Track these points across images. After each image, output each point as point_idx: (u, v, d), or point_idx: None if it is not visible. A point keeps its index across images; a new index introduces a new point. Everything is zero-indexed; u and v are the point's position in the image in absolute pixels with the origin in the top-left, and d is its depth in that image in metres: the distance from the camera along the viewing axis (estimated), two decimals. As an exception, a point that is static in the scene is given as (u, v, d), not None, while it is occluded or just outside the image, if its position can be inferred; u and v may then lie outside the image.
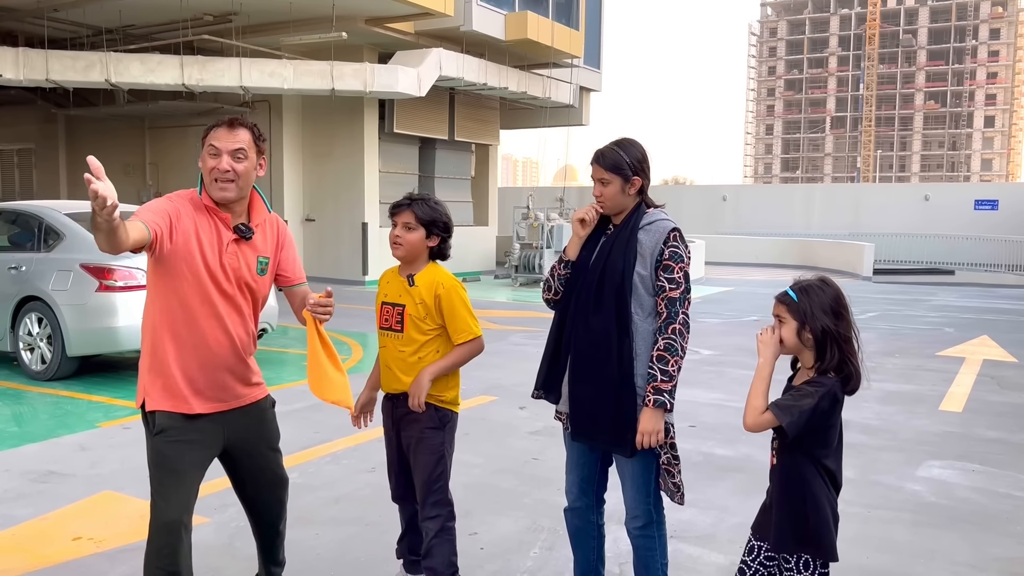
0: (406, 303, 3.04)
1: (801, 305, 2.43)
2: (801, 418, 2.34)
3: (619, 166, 2.84)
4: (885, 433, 5.96)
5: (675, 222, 2.88)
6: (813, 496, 2.41)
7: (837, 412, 2.39)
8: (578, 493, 3.03)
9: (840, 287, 2.49)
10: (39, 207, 7.94)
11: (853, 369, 2.39)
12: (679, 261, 2.79)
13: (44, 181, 20.49)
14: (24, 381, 7.21)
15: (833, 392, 2.36)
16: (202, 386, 2.70)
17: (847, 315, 2.42)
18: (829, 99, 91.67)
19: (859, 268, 20.72)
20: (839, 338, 2.38)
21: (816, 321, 2.40)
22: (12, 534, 3.90)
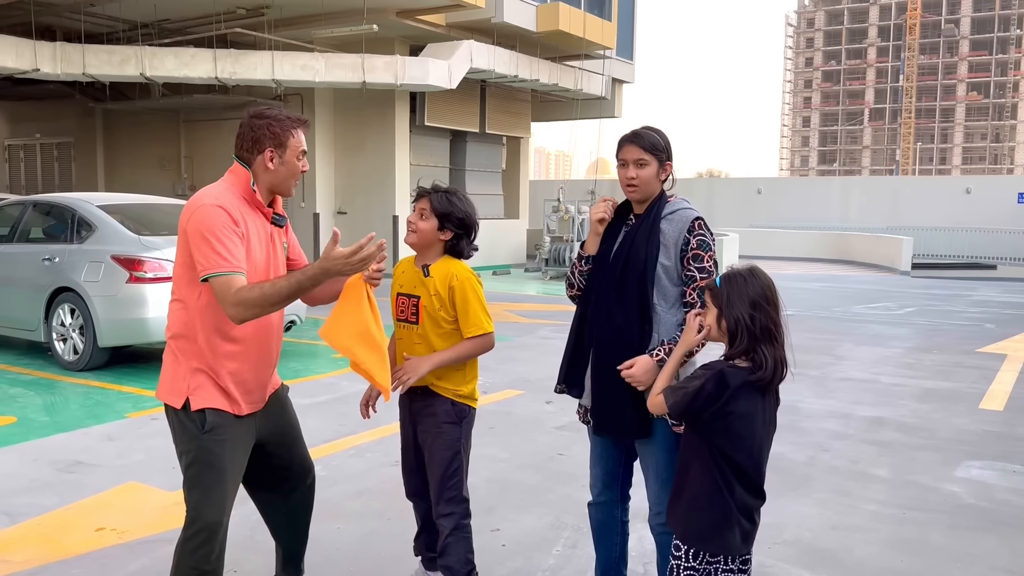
0: (421, 294, 2.97)
1: (721, 292, 2.38)
2: (684, 399, 2.33)
3: (657, 147, 2.77)
4: (922, 432, 5.80)
5: (697, 210, 2.80)
6: (694, 479, 2.37)
7: (729, 398, 2.29)
8: (602, 487, 2.98)
9: (770, 280, 2.40)
10: (72, 199, 8.02)
11: (762, 359, 2.31)
12: (708, 250, 2.73)
13: (82, 174, 20.81)
14: (57, 371, 7.30)
15: (721, 376, 2.30)
16: (252, 387, 2.69)
17: (769, 308, 2.35)
18: (868, 90, 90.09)
19: (897, 262, 20.32)
20: (752, 329, 2.31)
21: (732, 310, 2.35)
22: (36, 523, 3.92)
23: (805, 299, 14.11)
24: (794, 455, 5.18)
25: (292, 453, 2.95)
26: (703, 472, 2.34)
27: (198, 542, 2.58)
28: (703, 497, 2.35)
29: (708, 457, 2.33)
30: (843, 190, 28.69)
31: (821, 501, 4.39)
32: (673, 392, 2.38)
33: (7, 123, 22.28)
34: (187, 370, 2.62)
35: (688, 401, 2.32)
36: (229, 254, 2.49)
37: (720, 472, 2.32)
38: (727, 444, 2.32)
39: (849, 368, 8.06)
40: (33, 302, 7.51)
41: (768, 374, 2.31)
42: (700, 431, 2.36)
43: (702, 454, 2.35)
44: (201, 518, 2.59)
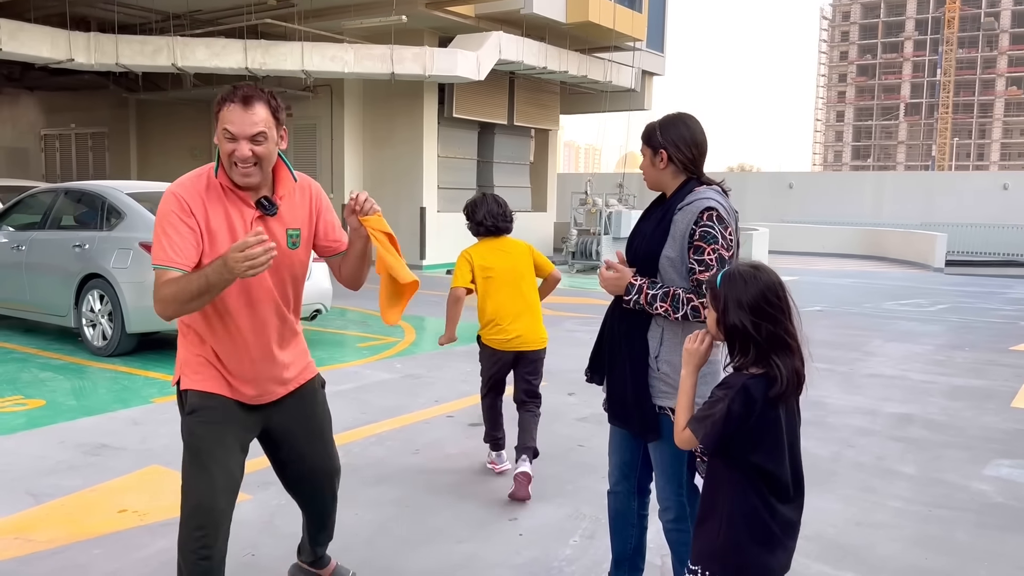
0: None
1: (719, 294, 2.17)
2: (714, 429, 2.09)
3: (648, 136, 2.77)
4: (951, 429, 5.69)
5: (719, 201, 2.67)
6: (728, 508, 2.13)
7: (758, 412, 2.08)
8: (619, 477, 2.97)
9: (774, 281, 2.14)
10: (102, 187, 8.12)
11: (777, 371, 2.08)
12: (711, 242, 2.60)
13: (116, 163, 21.11)
14: (86, 356, 7.40)
15: (745, 390, 2.08)
16: (251, 378, 2.60)
17: (775, 312, 2.11)
18: (904, 85, 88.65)
19: (930, 259, 19.99)
20: (756, 337, 2.09)
21: (728, 316, 2.13)
22: (61, 504, 3.97)
23: (836, 295, 13.93)
24: (819, 451, 5.10)
25: (310, 455, 2.81)
26: (736, 495, 2.12)
27: (190, 524, 2.51)
28: (740, 522, 2.12)
29: (742, 478, 2.12)
30: (876, 185, 28.26)
31: (845, 497, 4.33)
32: (700, 424, 2.13)
33: (43, 113, 22.65)
34: (188, 354, 2.61)
35: (720, 429, 2.09)
36: (168, 246, 2.39)
37: (758, 493, 2.11)
38: (763, 458, 2.10)
39: (878, 364, 7.94)
40: (64, 288, 7.63)
41: (782, 388, 2.09)
42: (730, 452, 2.13)
43: (734, 476, 2.13)
44: (187, 499, 2.52)
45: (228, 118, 2.39)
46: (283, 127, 2.53)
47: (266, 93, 2.48)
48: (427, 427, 5.39)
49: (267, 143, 2.44)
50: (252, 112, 2.40)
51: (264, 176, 2.50)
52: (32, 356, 7.44)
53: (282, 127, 2.52)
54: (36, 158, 22.76)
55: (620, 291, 2.70)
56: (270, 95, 2.49)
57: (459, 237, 18.63)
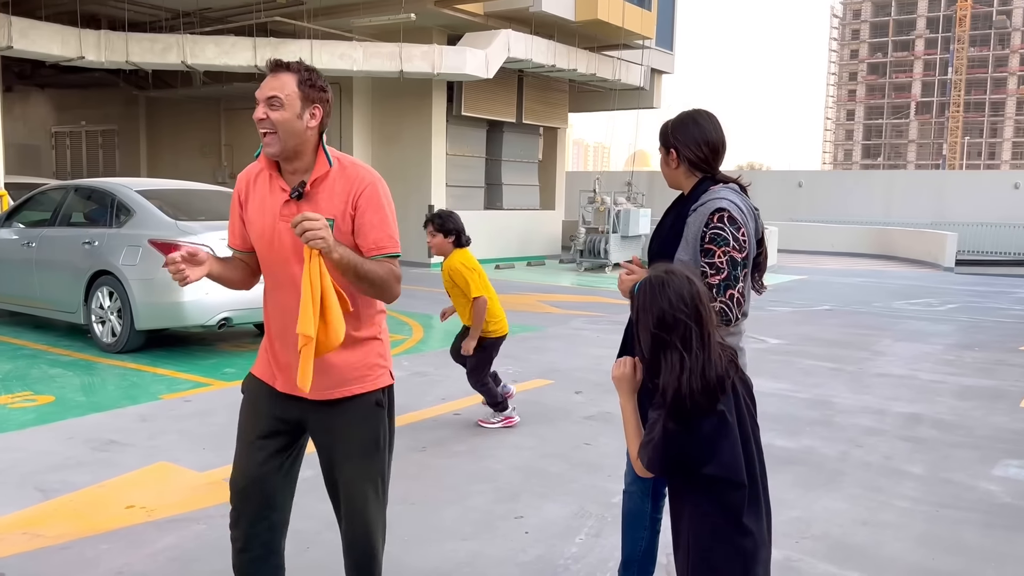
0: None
1: (633, 304, 2.09)
2: (657, 453, 2.02)
3: (662, 135, 2.77)
4: (959, 429, 5.66)
5: (732, 200, 2.63)
6: (691, 535, 2.07)
7: (696, 427, 2.00)
8: (634, 477, 2.94)
9: (683, 288, 2.04)
10: (112, 184, 8.15)
11: (667, 383, 1.99)
12: (721, 244, 2.55)
13: (126, 161, 21.19)
14: (95, 353, 7.43)
15: (674, 406, 2.00)
16: (283, 365, 2.51)
17: (676, 325, 2.01)
18: (915, 83, 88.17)
19: (940, 258, 19.89)
20: (653, 350, 2.04)
21: (638, 327, 2.07)
22: (69, 500, 3.99)
23: (845, 294, 13.88)
24: (826, 450, 5.09)
25: (339, 480, 2.53)
26: (695, 520, 2.06)
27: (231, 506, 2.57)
28: (705, 547, 2.05)
29: (699, 499, 2.05)
30: (886, 184, 28.13)
31: (852, 496, 4.31)
32: (645, 450, 2.05)
33: (54, 111, 22.76)
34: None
35: (663, 452, 2.01)
36: (228, 228, 2.66)
37: (717, 511, 2.04)
38: (715, 468, 2.01)
39: (886, 364, 7.91)
40: (73, 285, 7.66)
41: (671, 401, 1.99)
42: (688, 470, 2.05)
43: (691, 498, 2.07)
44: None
45: (264, 88, 2.41)
46: (315, 105, 2.41)
47: (300, 66, 2.43)
48: (434, 424, 5.40)
49: (283, 110, 2.36)
50: (276, 78, 2.40)
51: (283, 149, 2.40)
52: (42, 352, 7.48)
53: (313, 104, 2.41)
54: (47, 155, 22.87)
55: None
56: (304, 68, 2.43)
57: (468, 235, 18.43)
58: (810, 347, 8.63)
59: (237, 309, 7.12)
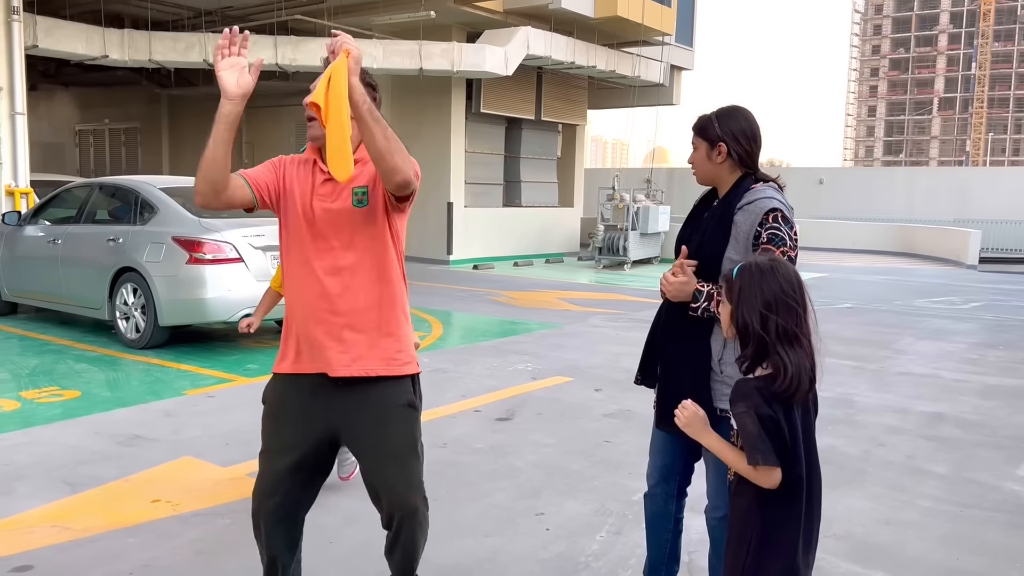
0: None
1: (734, 287, 2.10)
2: (764, 444, 1.99)
3: (704, 129, 2.68)
4: (983, 428, 5.62)
5: (780, 200, 2.61)
6: (754, 524, 2.08)
7: (782, 411, 2.02)
8: (658, 479, 2.91)
9: (792, 276, 2.09)
10: (136, 181, 8.24)
11: (782, 367, 2.01)
12: (780, 244, 2.52)
13: (148, 158, 21.41)
14: (120, 348, 7.52)
15: (758, 392, 2.02)
16: (299, 336, 2.50)
17: (789, 308, 2.04)
18: (938, 79, 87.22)
19: (963, 256, 19.69)
20: (761, 333, 2.03)
21: (740, 311, 2.07)
22: (97, 493, 4.05)
23: (866, 292, 13.78)
24: (848, 449, 5.06)
25: (374, 476, 2.53)
26: (766, 510, 2.07)
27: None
28: (767, 551, 2.07)
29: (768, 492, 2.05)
30: (908, 181, 27.89)
31: (874, 496, 4.29)
32: (753, 450, 2.01)
33: (77, 109, 23.01)
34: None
35: (767, 442, 1.99)
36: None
37: (785, 505, 2.06)
38: (786, 463, 2.03)
39: (908, 362, 7.85)
40: (98, 281, 7.75)
41: (786, 384, 2.01)
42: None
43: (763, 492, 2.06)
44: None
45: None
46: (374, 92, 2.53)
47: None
48: (453, 421, 5.42)
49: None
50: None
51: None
52: (67, 348, 7.58)
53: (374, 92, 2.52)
54: (71, 153, 23.13)
55: (687, 298, 2.60)
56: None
57: (487, 232, 18.79)
58: (831, 345, 8.58)
59: (259, 306, 7.20)
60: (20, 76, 11.12)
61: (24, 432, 4.99)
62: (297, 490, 2.56)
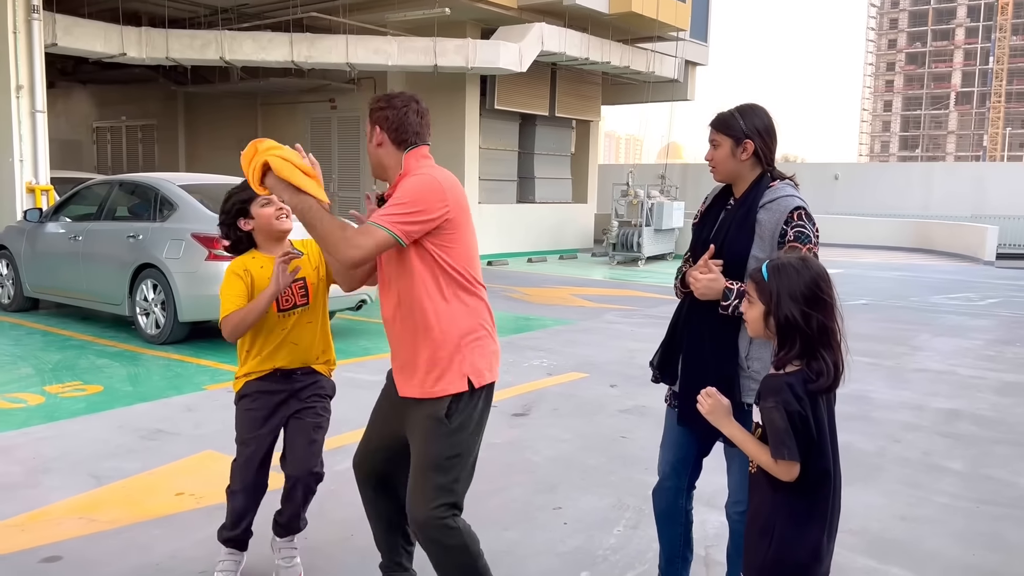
0: (306, 275, 3.05)
1: (769, 286, 2.11)
2: (791, 439, 2.02)
3: (730, 126, 2.68)
4: (1000, 425, 5.62)
5: (801, 198, 2.66)
6: (779, 511, 2.11)
7: (810, 406, 2.06)
8: (669, 472, 2.93)
9: (824, 271, 2.12)
10: (155, 179, 8.33)
11: (824, 364, 2.06)
12: (806, 242, 2.56)
13: (165, 155, 21.55)
14: (140, 344, 7.61)
15: (789, 388, 2.05)
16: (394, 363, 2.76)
17: (825, 304, 2.08)
18: (955, 73, 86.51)
19: (980, 252, 19.56)
20: (806, 330, 2.06)
21: (782, 308, 2.08)
22: (122, 486, 4.13)
23: (882, 288, 13.73)
24: (864, 445, 5.08)
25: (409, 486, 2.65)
26: (791, 502, 2.09)
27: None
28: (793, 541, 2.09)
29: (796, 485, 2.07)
30: (925, 176, 27.72)
31: (890, 492, 4.31)
32: (780, 445, 2.04)
33: (95, 106, 23.18)
34: None
35: (793, 438, 2.02)
36: None
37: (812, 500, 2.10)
38: (816, 458, 2.07)
39: (925, 359, 7.84)
40: (118, 278, 7.84)
41: (826, 381, 2.06)
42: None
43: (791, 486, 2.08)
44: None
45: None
46: (374, 126, 2.67)
47: (372, 100, 2.70)
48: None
49: (369, 144, 2.71)
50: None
51: (373, 171, 2.74)
52: (89, 343, 7.68)
53: (373, 126, 2.67)
54: (88, 150, 23.32)
55: (716, 296, 2.61)
56: (374, 99, 2.70)
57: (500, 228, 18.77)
58: (847, 341, 8.56)
59: (277, 302, 7.25)
60: (40, 74, 11.25)
61: (49, 426, 5.08)
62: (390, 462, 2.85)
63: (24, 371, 6.54)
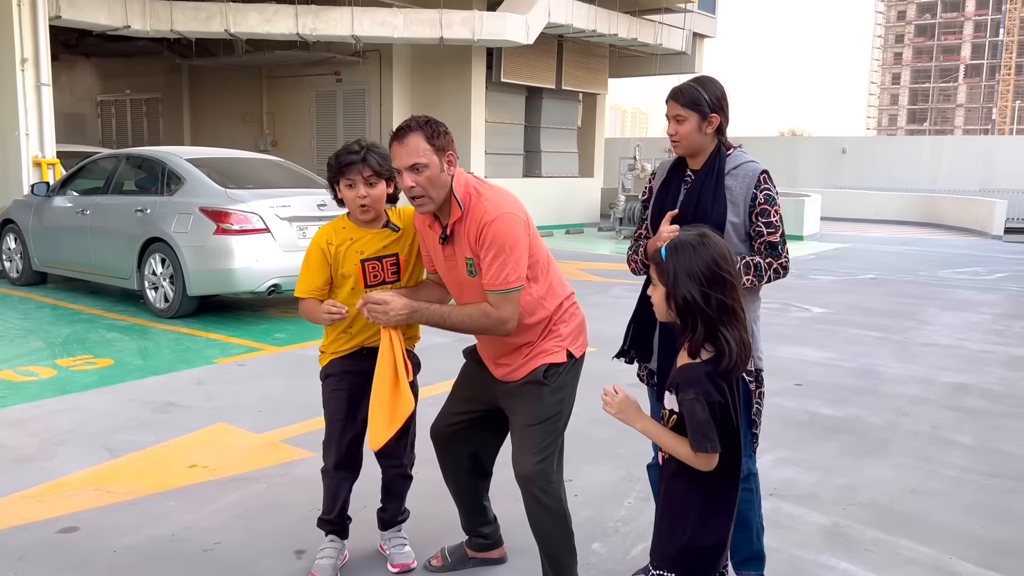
0: (399, 250, 2.94)
1: (667, 267, 2.02)
2: (712, 431, 1.96)
3: (696, 102, 2.71)
4: (1009, 399, 5.62)
5: (760, 162, 2.77)
6: (693, 500, 2.06)
7: (728, 393, 2.00)
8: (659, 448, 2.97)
9: (723, 249, 2.03)
10: (162, 152, 8.31)
11: (726, 345, 1.98)
12: (774, 204, 2.72)
13: (169, 129, 21.46)
14: (149, 318, 7.64)
15: (709, 378, 1.98)
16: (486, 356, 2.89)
17: (724, 282, 1.99)
18: (964, 46, 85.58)
19: (988, 226, 19.48)
20: (706, 310, 1.98)
21: (679, 289, 1.99)
22: (136, 458, 4.16)
23: (889, 262, 13.69)
24: (872, 419, 5.09)
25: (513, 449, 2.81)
26: (705, 490, 2.05)
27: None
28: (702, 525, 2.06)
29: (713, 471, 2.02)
30: (933, 150, 27.52)
31: (899, 465, 4.32)
32: (702, 438, 1.96)
33: (99, 80, 23.06)
34: None
35: (715, 429, 1.96)
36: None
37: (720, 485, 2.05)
38: (727, 447, 2.01)
39: (933, 333, 7.83)
40: (127, 252, 7.85)
41: (731, 362, 1.98)
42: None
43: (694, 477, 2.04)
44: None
45: (392, 156, 2.62)
46: (448, 153, 2.60)
47: (419, 121, 2.59)
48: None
49: (428, 170, 2.55)
50: (405, 143, 2.56)
51: (436, 204, 2.61)
52: (98, 317, 7.71)
53: (446, 153, 2.59)
54: (93, 124, 23.23)
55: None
56: (425, 122, 2.59)
57: (508, 203, 18.29)
58: (855, 316, 8.57)
59: (286, 276, 7.21)
60: (45, 47, 11.18)
61: (62, 399, 5.11)
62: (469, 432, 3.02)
63: (35, 345, 6.58)
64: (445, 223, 2.64)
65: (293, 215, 7.32)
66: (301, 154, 16.73)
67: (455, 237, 2.65)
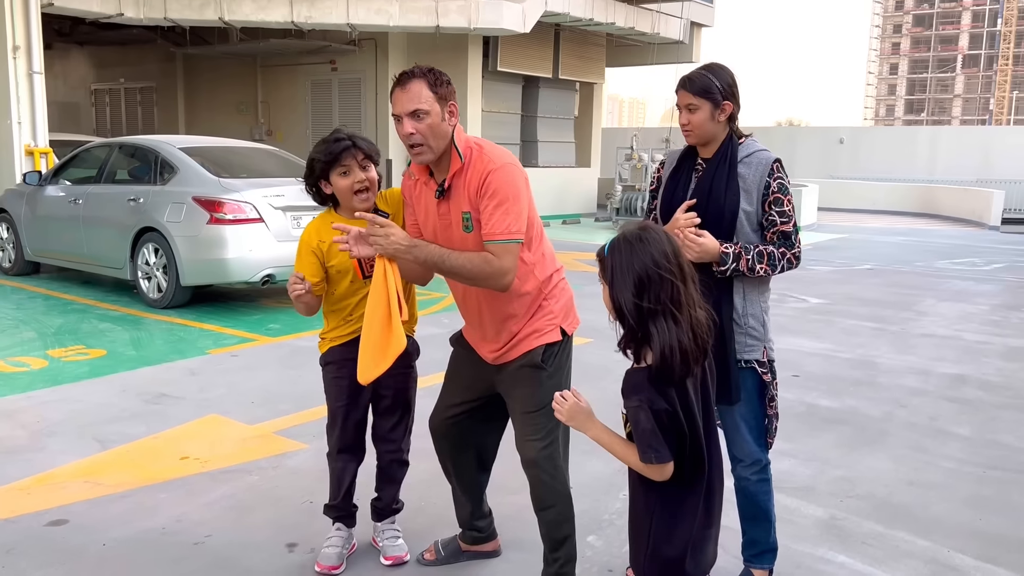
0: None
1: (608, 264, 1.92)
2: (657, 440, 1.86)
3: (709, 90, 2.65)
4: (1006, 390, 5.60)
5: (772, 151, 2.72)
6: (653, 509, 1.98)
7: (677, 397, 1.89)
8: None
9: (664, 245, 1.89)
10: (155, 141, 8.24)
11: (661, 348, 1.84)
12: (787, 193, 2.68)
13: (164, 118, 21.33)
14: (142, 308, 7.58)
15: (651, 387, 1.87)
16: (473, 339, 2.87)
17: (663, 281, 1.85)
18: (962, 36, 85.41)
19: (986, 216, 19.46)
20: (635, 314, 1.86)
21: (614, 290, 1.89)
22: (127, 450, 4.12)
23: (887, 253, 13.67)
24: (870, 410, 5.06)
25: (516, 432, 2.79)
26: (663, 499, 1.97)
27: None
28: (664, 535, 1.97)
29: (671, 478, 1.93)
30: (931, 140, 27.47)
31: (897, 457, 4.30)
32: (647, 448, 1.87)
33: (93, 68, 22.92)
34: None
35: (661, 438, 1.86)
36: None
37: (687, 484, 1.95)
38: (684, 452, 1.92)
39: (930, 324, 7.81)
40: (120, 241, 7.79)
41: (672, 367, 1.84)
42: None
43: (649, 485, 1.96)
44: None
45: (392, 102, 2.53)
46: (451, 102, 2.54)
47: (423, 69, 2.52)
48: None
49: (429, 118, 2.48)
50: (407, 90, 2.49)
51: (436, 153, 2.53)
52: (90, 307, 7.66)
53: (449, 103, 2.54)
54: (87, 112, 23.10)
55: (713, 259, 2.60)
56: (428, 71, 2.51)
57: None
58: (852, 307, 8.54)
59: (280, 266, 7.16)
60: (37, 35, 11.08)
61: (53, 390, 5.07)
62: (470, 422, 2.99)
63: (27, 335, 6.53)
64: (442, 178, 2.57)
65: (287, 204, 7.26)
66: (296, 143, 16.64)
67: (452, 191, 2.56)
